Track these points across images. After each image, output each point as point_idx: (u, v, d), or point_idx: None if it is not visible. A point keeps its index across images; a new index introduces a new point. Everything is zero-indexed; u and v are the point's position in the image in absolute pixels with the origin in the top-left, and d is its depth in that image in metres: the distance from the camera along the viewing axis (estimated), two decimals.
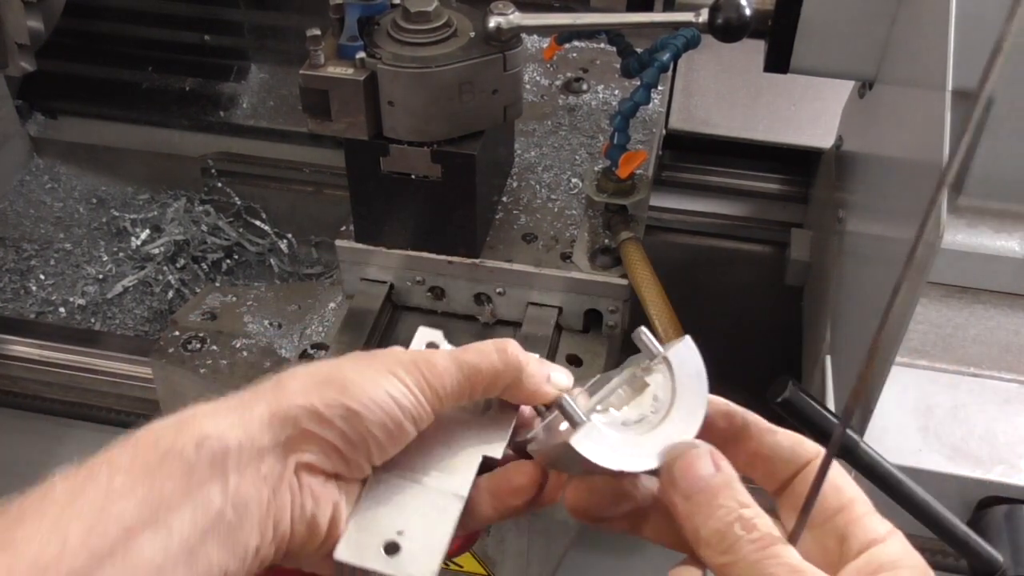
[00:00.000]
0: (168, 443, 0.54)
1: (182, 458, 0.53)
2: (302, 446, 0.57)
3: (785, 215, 1.44)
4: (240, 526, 0.54)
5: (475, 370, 0.62)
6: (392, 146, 0.95)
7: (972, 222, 0.97)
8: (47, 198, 1.59)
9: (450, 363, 0.62)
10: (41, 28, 1.26)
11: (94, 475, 0.52)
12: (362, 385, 0.58)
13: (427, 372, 0.61)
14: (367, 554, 0.60)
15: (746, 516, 0.51)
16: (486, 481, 0.64)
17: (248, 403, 0.57)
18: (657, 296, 0.97)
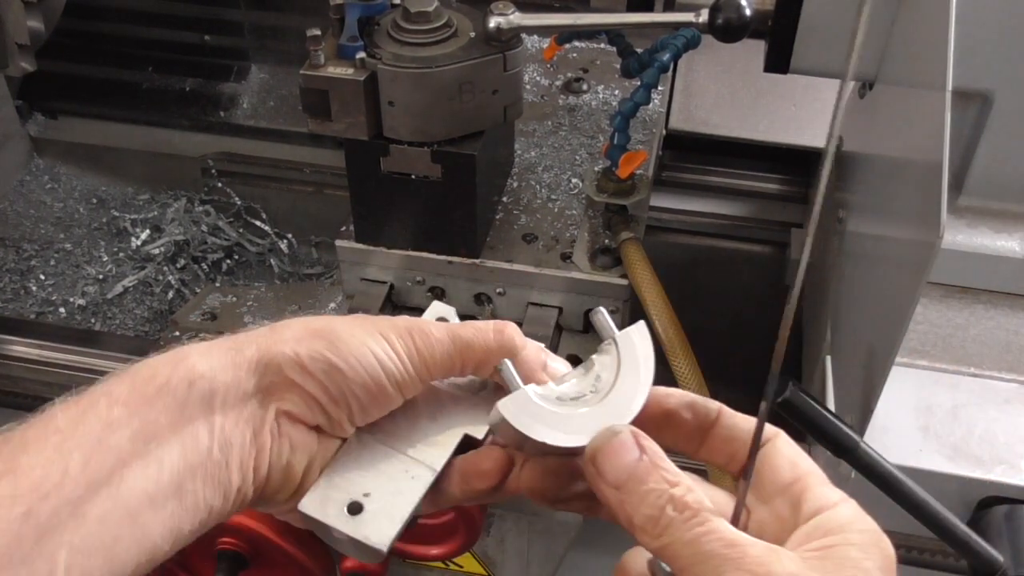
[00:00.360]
0: (163, 379, 0.55)
1: (175, 395, 0.55)
2: (284, 394, 0.58)
3: (785, 215, 1.44)
4: (225, 464, 0.56)
5: (467, 345, 0.62)
6: (392, 146, 0.95)
7: (972, 222, 0.97)
8: (47, 198, 1.58)
9: (444, 335, 0.62)
10: (41, 28, 1.26)
11: (93, 405, 0.54)
12: (349, 343, 0.59)
13: (419, 340, 0.61)
14: (330, 510, 0.60)
15: (677, 496, 0.51)
16: (459, 462, 0.64)
17: (240, 345, 0.58)
18: (657, 296, 0.97)
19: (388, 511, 0.61)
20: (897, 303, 0.74)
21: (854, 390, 0.85)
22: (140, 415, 0.53)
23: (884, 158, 0.94)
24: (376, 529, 0.60)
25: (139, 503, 0.52)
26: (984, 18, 0.84)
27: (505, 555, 1.12)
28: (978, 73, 0.88)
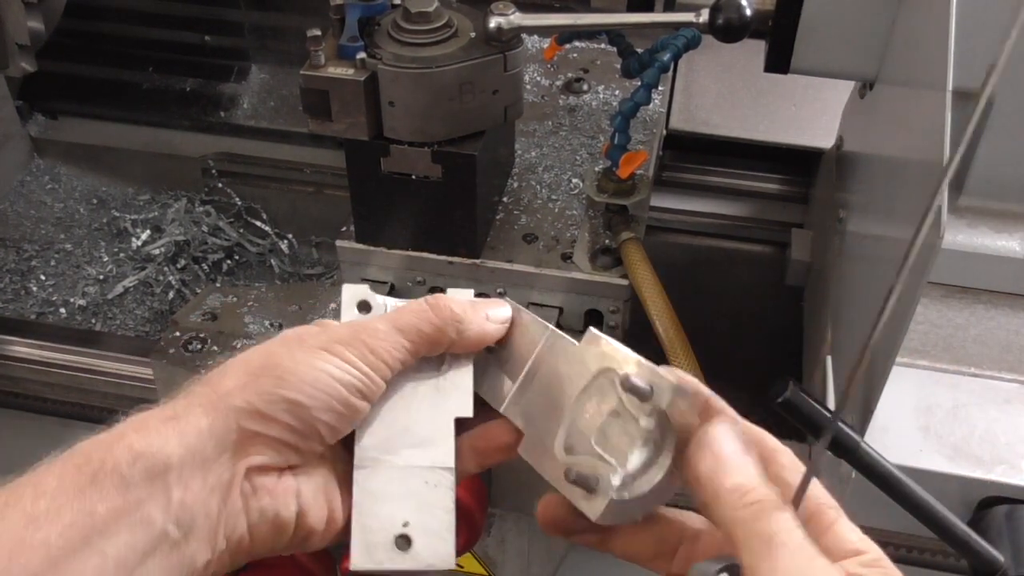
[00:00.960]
0: (98, 463, 0.50)
1: (116, 476, 0.50)
2: (249, 448, 0.55)
3: (785, 215, 1.44)
4: (186, 542, 0.51)
5: (416, 332, 0.61)
6: (393, 146, 0.95)
7: (972, 222, 0.97)
8: (48, 199, 1.58)
9: (390, 329, 0.60)
10: (42, 28, 1.26)
11: (17, 499, 0.49)
12: (299, 372, 0.56)
13: (370, 342, 0.59)
14: (381, 556, 0.59)
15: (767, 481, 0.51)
16: (468, 440, 0.64)
17: (183, 411, 0.54)
18: (658, 296, 0.97)
19: (434, 529, 0.61)
20: (898, 303, 0.73)
21: (855, 390, 0.85)
22: (72, 506, 0.48)
23: (885, 158, 0.94)
24: (434, 552, 0.60)
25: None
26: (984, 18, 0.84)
27: (506, 555, 1.12)
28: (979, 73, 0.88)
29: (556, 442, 0.59)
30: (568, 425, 0.59)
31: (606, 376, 0.59)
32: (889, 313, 0.47)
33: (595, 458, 0.57)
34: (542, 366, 0.63)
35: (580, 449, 0.58)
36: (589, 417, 0.58)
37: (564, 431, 0.59)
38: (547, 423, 0.60)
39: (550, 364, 0.63)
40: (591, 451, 0.57)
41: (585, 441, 0.58)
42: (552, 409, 0.60)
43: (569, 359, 0.61)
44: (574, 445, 0.59)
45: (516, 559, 1.12)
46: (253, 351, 0.58)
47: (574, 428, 0.59)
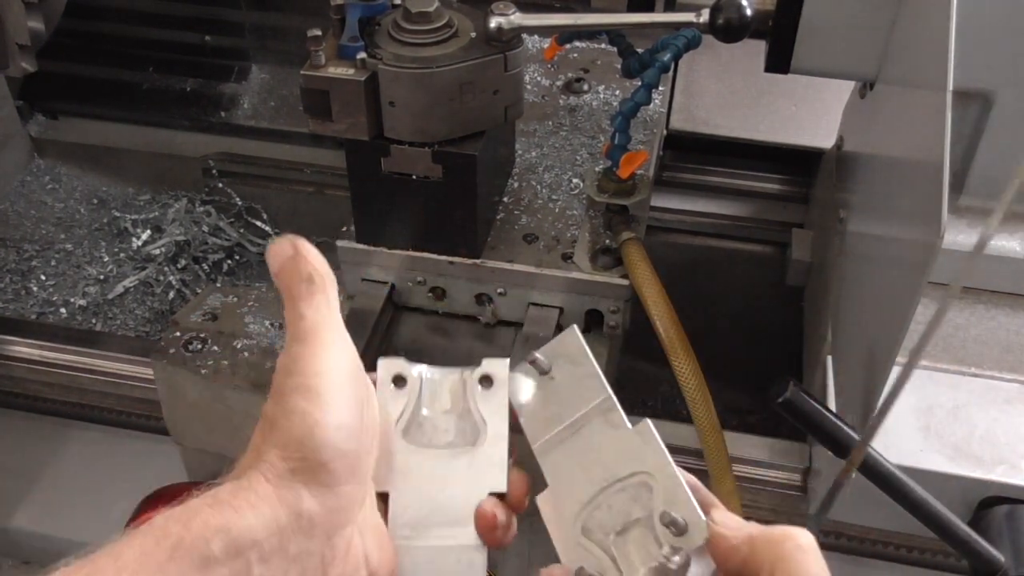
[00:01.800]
0: (177, 536, 0.49)
1: (195, 552, 0.48)
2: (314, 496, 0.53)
3: (786, 215, 1.44)
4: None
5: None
6: (393, 146, 0.95)
7: (973, 222, 0.97)
8: (48, 199, 1.59)
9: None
10: (42, 29, 1.26)
11: (97, 572, 0.47)
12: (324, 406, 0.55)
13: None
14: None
15: None
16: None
17: (249, 485, 0.52)
18: (658, 296, 0.97)
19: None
20: (898, 303, 0.74)
21: (855, 390, 0.85)
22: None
23: (885, 158, 0.94)
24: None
25: None
26: (985, 18, 0.84)
27: (506, 555, 1.12)
28: (979, 73, 0.88)
29: (577, 514, 0.61)
30: (593, 506, 0.61)
31: (645, 480, 0.60)
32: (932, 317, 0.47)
33: (606, 556, 0.59)
34: (588, 427, 0.64)
35: (596, 536, 0.60)
36: (616, 511, 0.60)
37: (588, 509, 0.61)
38: (573, 489, 0.62)
39: (597, 431, 0.64)
40: (605, 546, 0.60)
41: (603, 533, 0.60)
42: (584, 478, 0.62)
43: (617, 439, 0.63)
44: (592, 529, 0.61)
45: (516, 559, 1.12)
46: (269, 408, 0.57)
47: (598, 513, 0.61)
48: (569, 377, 0.67)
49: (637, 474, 0.61)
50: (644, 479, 0.60)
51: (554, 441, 0.65)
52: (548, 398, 0.66)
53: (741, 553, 0.54)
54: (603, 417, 0.64)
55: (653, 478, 0.60)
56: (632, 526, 0.60)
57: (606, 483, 0.61)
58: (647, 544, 0.58)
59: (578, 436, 0.64)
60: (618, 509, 0.60)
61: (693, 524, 0.57)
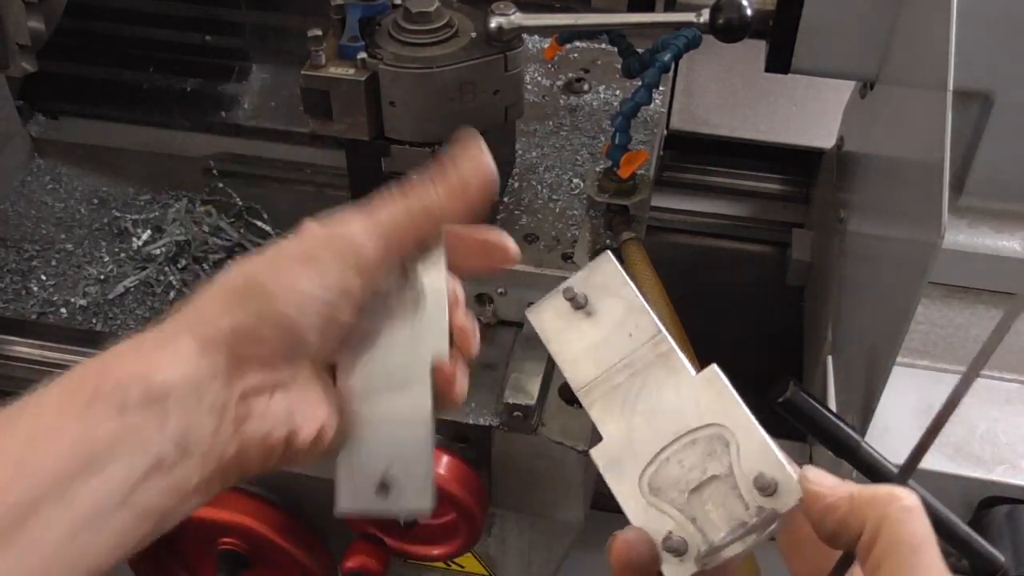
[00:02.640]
0: (95, 385, 0.51)
1: (114, 400, 0.50)
2: (241, 371, 0.54)
3: (786, 215, 1.44)
4: (180, 465, 0.52)
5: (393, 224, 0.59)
6: (393, 147, 0.95)
7: (973, 222, 0.97)
8: (48, 199, 1.58)
9: (369, 228, 0.59)
10: (42, 28, 1.26)
11: (17, 417, 0.50)
12: (282, 288, 0.55)
13: (348, 248, 0.58)
14: (363, 501, 0.60)
15: None
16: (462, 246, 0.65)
17: (172, 337, 0.54)
18: (658, 296, 0.97)
19: (413, 473, 0.61)
20: (898, 303, 0.74)
21: (856, 390, 0.85)
22: (72, 427, 0.49)
23: (885, 158, 0.94)
24: (414, 497, 0.60)
25: (83, 518, 0.48)
26: (985, 18, 0.84)
27: (506, 555, 1.12)
28: (979, 73, 0.88)
29: (642, 471, 0.56)
30: (661, 462, 0.56)
31: (720, 434, 0.56)
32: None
33: (682, 516, 0.55)
34: (644, 370, 0.60)
35: (667, 495, 0.55)
36: (689, 467, 0.56)
37: (655, 465, 0.56)
38: (636, 442, 0.57)
39: (654, 375, 0.59)
40: (680, 505, 0.55)
41: (676, 491, 0.55)
42: (647, 430, 0.57)
43: (681, 385, 0.59)
44: (662, 487, 0.56)
45: (516, 559, 1.12)
46: (233, 271, 0.58)
47: (668, 469, 0.56)
48: (610, 311, 0.62)
49: (710, 426, 0.56)
50: (718, 432, 0.56)
51: (603, 386, 0.60)
52: (588, 336, 0.61)
53: (839, 512, 0.51)
54: (659, 358, 0.60)
55: (729, 432, 0.55)
56: (708, 483, 0.55)
57: (674, 435, 0.56)
58: (729, 503, 0.54)
59: (633, 381, 0.59)
60: (691, 464, 0.55)
61: (784, 484, 0.53)
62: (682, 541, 0.54)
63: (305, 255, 0.58)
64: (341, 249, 0.58)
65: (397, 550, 1.04)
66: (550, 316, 0.63)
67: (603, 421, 0.59)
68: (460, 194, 0.61)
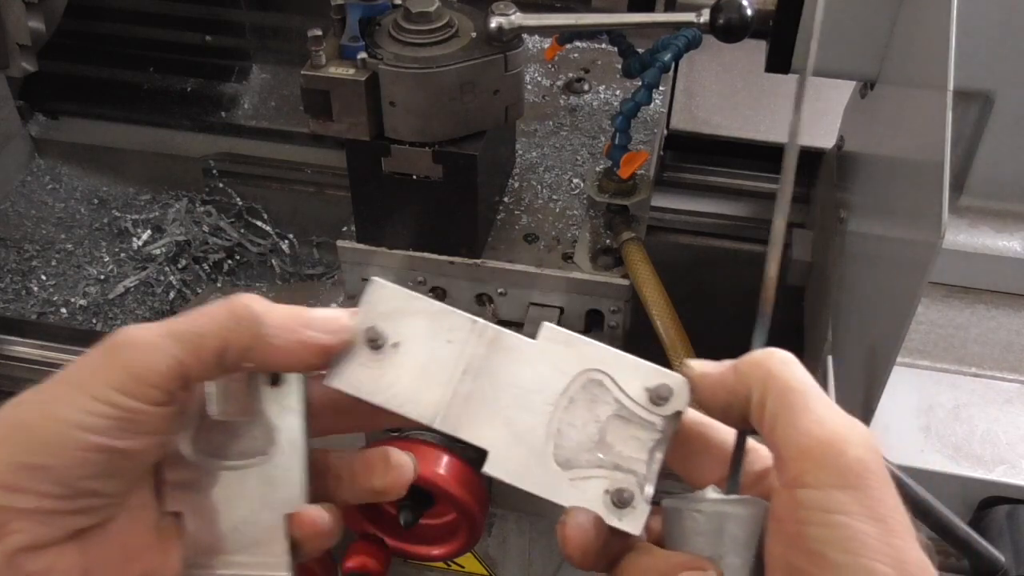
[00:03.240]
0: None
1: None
2: (6, 528, 0.46)
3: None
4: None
5: (196, 336, 0.50)
6: (393, 146, 0.95)
7: (973, 222, 0.97)
8: (48, 199, 1.58)
9: (162, 338, 0.49)
10: (42, 28, 1.27)
11: None
12: (42, 428, 0.47)
13: (132, 363, 0.48)
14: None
15: None
16: (359, 464, 0.57)
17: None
18: (659, 296, 0.97)
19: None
20: (898, 303, 0.74)
21: (856, 390, 0.85)
22: None
23: (885, 158, 0.94)
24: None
25: None
26: (985, 18, 0.85)
27: (507, 555, 1.12)
28: (979, 73, 0.88)
29: (543, 458, 0.54)
30: (555, 437, 0.54)
31: (590, 377, 0.55)
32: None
33: (604, 469, 0.54)
34: (485, 366, 0.56)
35: (579, 461, 0.54)
36: (582, 425, 0.54)
37: (552, 445, 0.54)
38: (520, 435, 0.55)
39: (498, 365, 0.56)
40: (597, 462, 0.54)
41: (584, 453, 0.54)
42: (524, 417, 0.55)
43: (528, 360, 0.56)
44: (570, 458, 0.54)
45: (517, 559, 1.12)
46: (4, 407, 0.49)
47: (565, 440, 0.54)
48: (415, 331, 0.56)
49: (577, 377, 0.55)
50: (587, 377, 0.55)
51: (455, 404, 0.55)
52: (408, 368, 0.56)
53: (727, 382, 0.53)
54: (491, 347, 0.56)
55: (596, 371, 0.54)
56: (608, 427, 0.54)
57: (551, 405, 0.55)
58: (635, 432, 0.53)
59: (480, 382, 0.56)
60: (583, 421, 0.54)
61: (673, 384, 0.54)
62: (621, 492, 0.53)
63: (75, 381, 0.49)
64: (120, 368, 0.49)
65: (397, 550, 1.04)
66: (357, 372, 0.56)
67: (478, 436, 0.55)
68: (295, 321, 0.53)
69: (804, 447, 0.47)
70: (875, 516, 0.45)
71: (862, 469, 0.45)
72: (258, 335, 0.51)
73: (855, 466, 0.45)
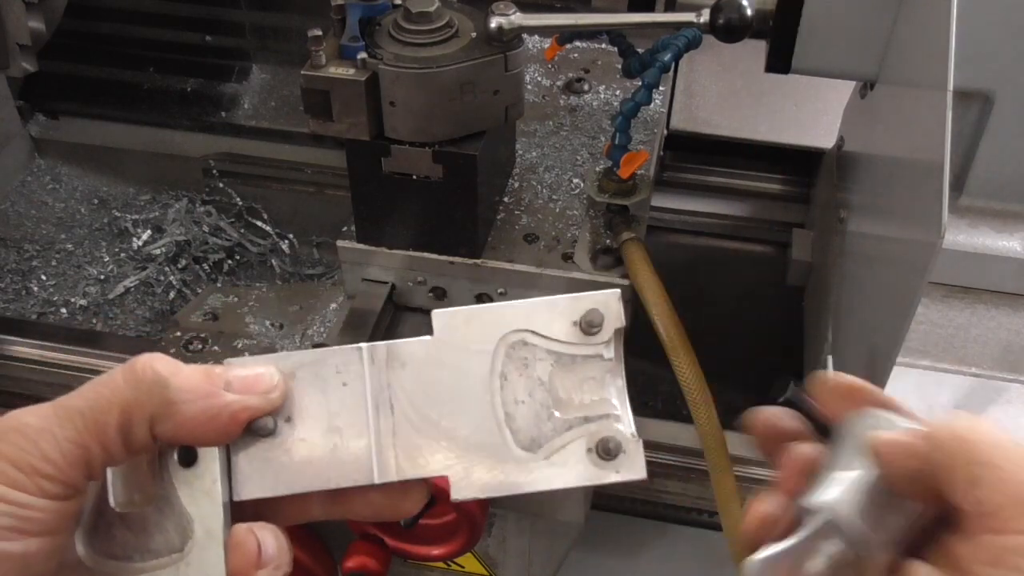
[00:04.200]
0: None
1: None
2: None
3: (786, 215, 1.44)
4: None
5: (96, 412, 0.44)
6: (394, 147, 0.95)
7: (973, 222, 0.98)
8: (49, 199, 1.58)
9: (52, 419, 0.44)
10: (42, 28, 1.27)
11: None
12: None
13: (18, 455, 0.42)
14: None
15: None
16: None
17: None
18: (658, 296, 0.97)
19: None
20: (898, 303, 0.74)
21: None
22: None
23: (885, 158, 0.94)
24: None
25: None
26: (985, 18, 0.85)
27: (507, 555, 1.12)
28: (979, 73, 0.88)
29: (505, 451, 0.49)
30: (507, 424, 0.49)
31: (512, 341, 0.50)
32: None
33: (577, 428, 0.49)
34: (394, 390, 0.50)
35: (546, 434, 0.49)
36: (528, 396, 0.49)
37: (508, 433, 0.49)
38: (475, 443, 0.49)
39: (406, 382, 0.50)
40: (565, 425, 0.49)
41: (548, 424, 0.49)
42: (467, 423, 0.49)
43: (433, 359, 0.50)
44: (534, 436, 0.49)
45: (517, 559, 1.12)
46: None
47: (519, 419, 0.49)
48: (301, 392, 0.51)
49: (495, 350, 0.50)
50: (508, 343, 0.50)
51: (386, 445, 0.49)
52: (316, 434, 0.50)
53: (918, 453, 0.45)
54: (388, 367, 0.50)
55: (514, 332, 0.49)
56: (554, 384, 0.50)
57: (487, 393, 0.50)
58: (584, 374, 0.49)
59: (399, 409, 0.50)
60: (525, 392, 0.50)
61: (597, 304, 0.49)
62: (604, 442, 0.49)
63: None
64: (9, 453, 0.43)
65: (397, 550, 1.04)
66: (261, 471, 0.49)
67: (427, 468, 0.49)
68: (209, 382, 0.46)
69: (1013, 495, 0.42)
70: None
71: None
72: (166, 401, 0.45)
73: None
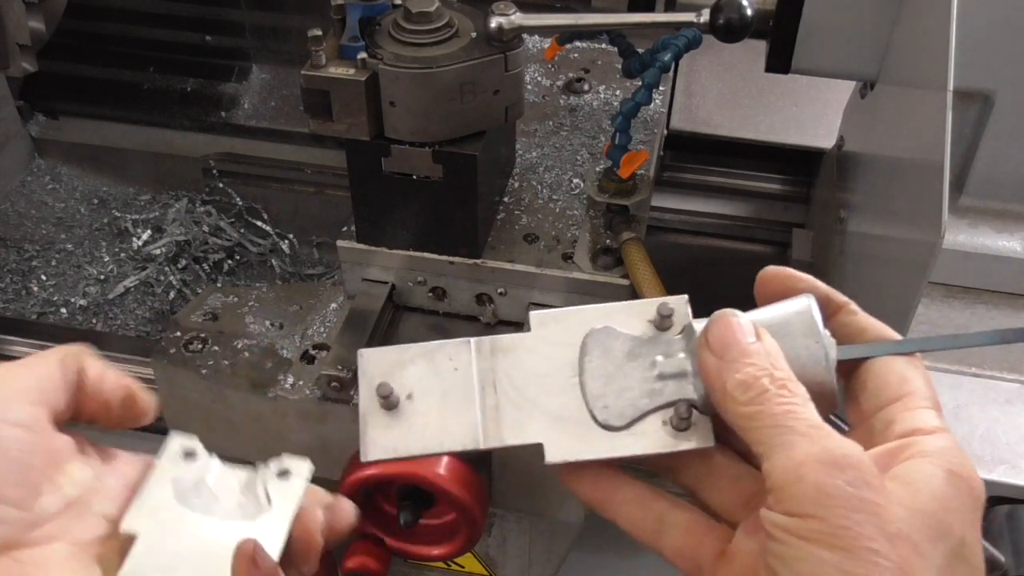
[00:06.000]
0: None
1: None
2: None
3: (787, 215, 1.44)
4: None
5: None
6: (393, 147, 0.95)
7: (974, 222, 0.97)
8: (48, 199, 1.59)
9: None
10: (43, 29, 1.27)
11: None
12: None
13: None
14: None
15: (777, 376, 0.50)
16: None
17: None
18: (659, 296, 0.97)
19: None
20: (898, 303, 0.74)
21: None
22: None
23: (885, 158, 0.94)
24: None
25: None
26: (985, 18, 0.85)
27: (506, 555, 1.12)
28: (979, 73, 0.88)
29: (594, 418, 0.56)
30: (593, 400, 0.57)
31: (597, 333, 0.58)
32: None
33: (654, 403, 0.56)
34: (498, 374, 0.58)
35: (626, 410, 0.56)
36: (609, 377, 0.57)
37: (594, 406, 0.57)
38: (565, 418, 0.56)
39: (509, 366, 0.58)
40: (642, 402, 0.56)
41: (626, 399, 0.56)
42: (558, 400, 0.57)
43: (531, 349, 0.58)
44: (618, 412, 0.56)
45: (517, 559, 1.12)
46: None
47: (603, 398, 0.56)
48: (420, 376, 0.59)
49: (584, 342, 0.58)
50: (594, 337, 0.58)
51: (490, 420, 0.57)
52: (433, 409, 0.58)
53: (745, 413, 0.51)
54: (494, 354, 0.59)
55: (596, 330, 0.58)
56: (632, 366, 0.57)
57: (574, 376, 0.57)
58: (659, 357, 0.57)
59: (501, 389, 0.58)
60: (608, 373, 0.57)
61: (669, 301, 0.60)
62: (677, 416, 0.55)
63: None
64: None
65: (397, 550, 1.04)
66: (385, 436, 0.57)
67: (523, 436, 0.57)
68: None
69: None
70: None
71: None
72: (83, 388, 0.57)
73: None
